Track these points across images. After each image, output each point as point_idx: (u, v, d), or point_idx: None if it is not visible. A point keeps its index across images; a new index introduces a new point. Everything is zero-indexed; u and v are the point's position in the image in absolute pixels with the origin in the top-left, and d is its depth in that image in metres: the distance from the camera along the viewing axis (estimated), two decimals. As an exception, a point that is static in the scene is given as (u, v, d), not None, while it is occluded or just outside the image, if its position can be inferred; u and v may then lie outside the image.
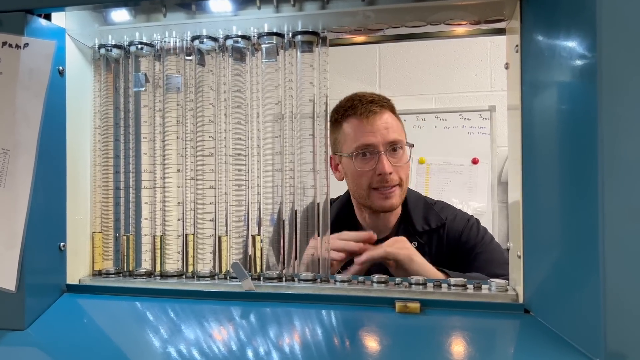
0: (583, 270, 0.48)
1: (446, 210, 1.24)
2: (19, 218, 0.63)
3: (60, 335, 0.63)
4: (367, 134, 1.11)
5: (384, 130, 1.11)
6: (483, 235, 1.19)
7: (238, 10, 0.68)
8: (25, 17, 0.64)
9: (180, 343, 0.59)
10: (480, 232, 1.20)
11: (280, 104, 0.72)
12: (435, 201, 1.27)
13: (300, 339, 0.58)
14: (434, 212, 1.22)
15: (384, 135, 1.11)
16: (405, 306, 0.61)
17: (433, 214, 1.21)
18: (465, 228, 1.19)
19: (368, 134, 1.11)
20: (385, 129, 1.11)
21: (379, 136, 1.11)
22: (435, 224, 1.19)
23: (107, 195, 0.76)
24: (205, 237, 0.73)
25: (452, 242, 1.18)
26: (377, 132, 1.11)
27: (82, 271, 0.75)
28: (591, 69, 0.46)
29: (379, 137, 1.11)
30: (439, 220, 1.20)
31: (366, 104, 1.13)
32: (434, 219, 1.20)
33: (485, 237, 1.18)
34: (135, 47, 0.74)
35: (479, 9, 0.65)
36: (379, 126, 1.11)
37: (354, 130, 1.13)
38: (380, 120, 1.12)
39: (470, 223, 1.21)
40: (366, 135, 1.11)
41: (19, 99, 0.64)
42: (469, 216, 1.24)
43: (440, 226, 1.19)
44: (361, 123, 1.12)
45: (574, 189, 0.50)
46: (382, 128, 1.11)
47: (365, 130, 1.11)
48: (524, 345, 0.56)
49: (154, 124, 0.75)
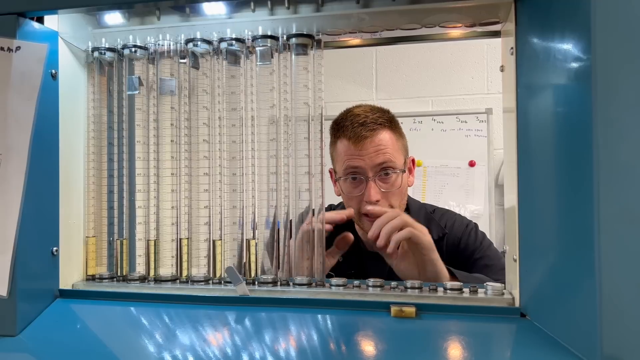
0: (579, 274, 0.48)
1: (445, 216, 1.23)
2: (10, 222, 0.62)
3: (53, 341, 0.63)
4: (354, 157, 1.06)
5: (373, 154, 1.05)
6: (481, 241, 1.18)
7: (232, 13, 0.68)
8: (17, 20, 0.64)
9: (174, 348, 0.58)
10: (479, 238, 1.19)
11: (275, 107, 0.71)
12: (434, 208, 1.26)
13: (296, 343, 0.58)
14: (435, 223, 1.20)
15: (373, 158, 1.05)
16: (401, 310, 0.60)
17: (434, 225, 1.19)
18: (463, 234, 1.18)
19: (356, 158, 1.05)
20: (375, 152, 1.05)
21: (367, 160, 1.05)
22: (436, 234, 1.16)
23: (101, 199, 0.75)
24: (199, 242, 0.72)
25: (451, 249, 1.17)
26: (365, 155, 1.05)
27: (76, 276, 0.74)
28: (586, 71, 0.46)
29: (367, 160, 1.05)
30: (441, 231, 1.18)
31: (356, 126, 1.06)
32: (436, 230, 1.17)
33: (483, 243, 1.18)
34: (128, 50, 0.73)
35: (473, 12, 0.65)
36: (368, 149, 1.05)
37: (344, 152, 1.08)
38: (372, 142, 1.05)
39: (469, 229, 1.20)
40: (354, 158, 1.06)
41: (10, 103, 0.63)
42: (468, 221, 1.23)
43: (441, 237, 1.17)
44: (350, 145, 1.06)
45: (569, 192, 0.50)
46: (372, 151, 1.05)
47: (354, 154, 1.06)
48: (520, 349, 0.55)
49: (147, 128, 0.74)
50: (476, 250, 1.16)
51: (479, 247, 1.16)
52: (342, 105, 3.03)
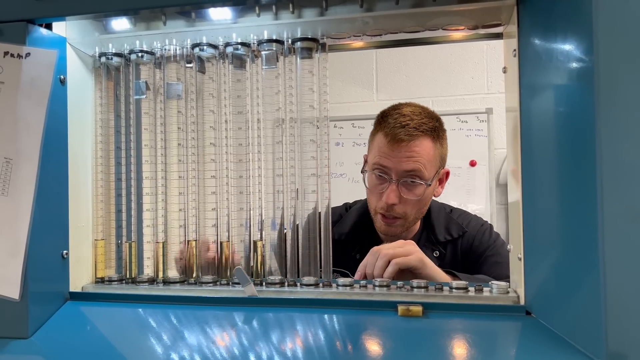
0: (583, 271, 0.48)
1: (462, 216, 1.24)
2: (22, 226, 0.63)
3: (64, 343, 0.63)
4: (386, 156, 1.06)
5: (404, 159, 1.04)
6: (495, 239, 1.19)
7: (238, 17, 0.69)
8: (26, 27, 0.65)
9: (183, 349, 0.59)
10: (493, 237, 1.20)
11: (281, 110, 0.72)
12: (452, 208, 1.27)
13: (303, 343, 0.59)
14: (454, 222, 1.21)
15: (402, 163, 1.05)
16: (408, 309, 0.61)
17: (454, 223, 1.20)
18: (478, 232, 1.20)
19: (387, 157, 1.06)
20: (406, 158, 1.04)
21: (397, 163, 1.05)
22: (457, 233, 1.18)
23: (109, 202, 0.76)
24: (207, 243, 0.73)
25: (465, 247, 1.18)
26: (396, 158, 1.05)
27: (85, 279, 0.75)
28: (588, 71, 0.46)
29: (396, 163, 1.05)
30: (460, 229, 1.19)
31: (397, 127, 1.05)
32: (455, 228, 1.19)
33: (497, 242, 1.19)
34: (135, 55, 0.74)
35: (476, 15, 0.65)
36: (400, 153, 1.05)
37: (378, 147, 1.09)
38: (407, 147, 1.04)
39: (484, 228, 1.21)
40: (385, 157, 1.06)
41: (21, 108, 0.64)
42: (483, 221, 1.24)
43: (461, 235, 1.18)
44: (386, 143, 1.06)
45: (573, 190, 0.50)
46: (404, 156, 1.04)
47: (386, 152, 1.06)
48: (526, 346, 0.56)
49: (155, 131, 0.75)
50: (488, 248, 1.16)
51: (492, 245, 1.17)
52: (343, 106, 3.02)
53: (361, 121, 2.56)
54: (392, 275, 0.86)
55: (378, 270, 0.87)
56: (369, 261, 0.90)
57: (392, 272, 0.86)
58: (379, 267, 0.87)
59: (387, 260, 0.87)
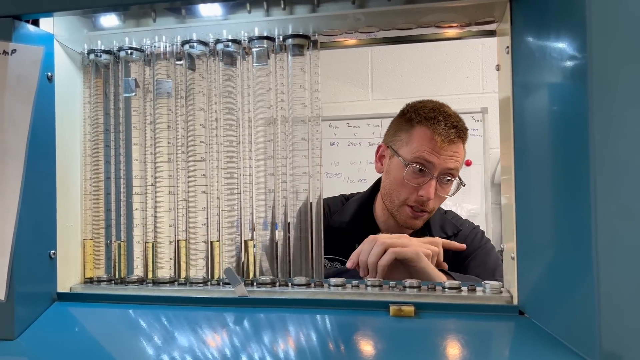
0: (577, 271, 0.48)
1: (456, 218, 1.28)
2: (8, 226, 0.62)
3: (51, 345, 0.62)
4: (433, 152, 1.09)
5: (449, 158, 1.10)
6: (486, 242, 1.22)
7: (228, 14, 0.68)
8: (12, 23, 0.64)
9: (173, 350, 0.58)
10: (483, 240, 1.23)
11: (272, 108, 0.71)
12: (445, 210, 1.31)
13: (295, 344, 0.58)
14: (449, 221, 1.25)
15: (447, 162, 1.10)
16: (400, 309, 0.61)
17: (448, 223, 1.24)
18: (470, 233, 1.23)
19: (434, 154, 1.09)
20: (451, 157, 1.10)
21: (442, 161, 1.09)
22: (451, 231, 1.21)
23: (98, 201, 0.75)
24: (197, 243, 0.72)
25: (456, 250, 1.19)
26: (442, 156, 1.09)
27: (73, 279, 0.74)
28: (582, 69, 0.46)
29: (442, 161, 1.09)
30: (455, 228, 1.23)
31: (449, 126, 1.10)
32: (450, 228, 1.23)
33: (487, 245, 1.22)
34: (124, 52, 0.73)
35: (469, 11, 0.65)
36: (447, 152, 1.09)
37: (424, 142, 1.10)
38: (453, 147, 1.10)
39: (476, 231, 1.25)
40: (432, 153, 1.09)
41: (6, 106, 0.63)
42: (475, 225, 1.28)
43: (455, 234, 1.21)
44: (435, 140, 1.09)
45: (566, 189, 0.50)
46: (449, 155, 1.10)
47: (434, 149, 1.09)
48: (519, 347, 0.56)
49: (144, 130, 0.74)
50: (479, 248, 1.20)
51: (482, 246, 1.21)
52: (339, 105, 3.02)
53: (356, 121, 2.56)
54: (387, 263, 0.86)
55: (373, 257, 0.87)
56: (364, 249, 0.90)
57: (388, 261, 0.86)
58: (374, 254, 0.87)
59: (384, 249, 0.88)
